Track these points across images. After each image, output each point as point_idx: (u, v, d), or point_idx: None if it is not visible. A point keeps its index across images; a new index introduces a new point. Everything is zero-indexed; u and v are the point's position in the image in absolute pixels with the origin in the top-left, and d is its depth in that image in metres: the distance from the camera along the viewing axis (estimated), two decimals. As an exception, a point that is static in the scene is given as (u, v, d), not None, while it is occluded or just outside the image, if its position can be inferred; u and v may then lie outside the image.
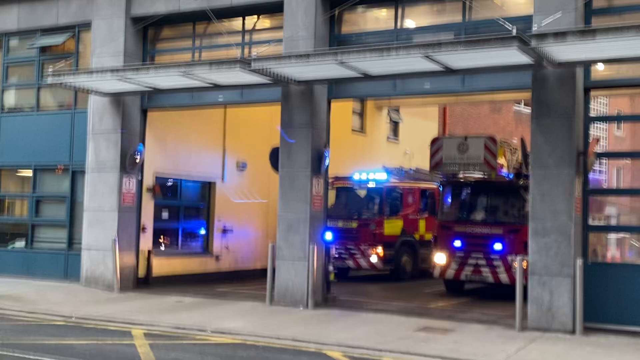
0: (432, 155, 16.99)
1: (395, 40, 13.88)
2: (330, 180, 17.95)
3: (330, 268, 14.90)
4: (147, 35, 16.97)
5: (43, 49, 18.28)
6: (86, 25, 17.27)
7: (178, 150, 17.99)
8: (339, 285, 17.39)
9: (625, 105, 41.77)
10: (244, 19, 15.90)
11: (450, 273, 17.06)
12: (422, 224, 20.73)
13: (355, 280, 20.24)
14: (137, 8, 16.43)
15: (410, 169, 21.72)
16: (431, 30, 14.15)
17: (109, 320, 12.46)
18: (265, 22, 16.07)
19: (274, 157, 14.79)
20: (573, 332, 11.64)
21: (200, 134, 18.67)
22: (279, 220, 14.46)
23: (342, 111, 19.07)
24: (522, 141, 14.87)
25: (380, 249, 19.41)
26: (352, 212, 20.03)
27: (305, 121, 14.37)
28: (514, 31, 10.54)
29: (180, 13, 15.89)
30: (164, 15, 15.94)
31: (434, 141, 17.36)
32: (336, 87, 14.73)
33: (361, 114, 25.50)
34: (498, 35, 10.72)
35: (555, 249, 11.94)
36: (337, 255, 19.04)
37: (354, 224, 19.66)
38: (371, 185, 19.96)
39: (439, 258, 17.25)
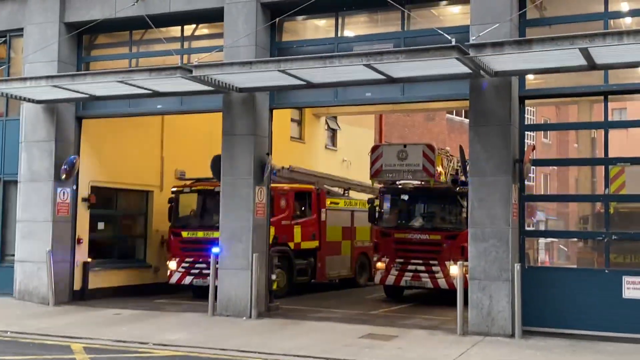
0: (372, 162, 17.19)
1: (336, 49, 13.99)
2: (189, 183, 17.83)
3: (273, 277, 14.83)
4: (82, 42, 16.59)
5: (-28, 56, 17.65)
6: (18, 32, 16.74)
7: (115, 159, 17.62)
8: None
9: (552, 114, 43.32)
10: (182, 27, 15.73)
11: (390, 279, 17.25)
12: (297, 231, 18.67)
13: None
14: (71, 14, 16.05)
15: (284, 168, 18.79)
16: (371, 39, 14.32)
17: (46, 334, 12.06)
18: (204, 29, 15.95)
19: (216, 165, 14.66)
20: (512, 335, 11.93)
21: (138, 142, 18.34)
22: (221, 229, 14.34)
23: (280, 119, 19.03)
24: (461, 149, 15.19)
25: None
26: (214, 220, 16.59)
27: (247, 129, 14.31)
28: (453, 41, 10.80)
29: (116, 20, 15.58)
30: (99, 22, 15.61)
31: (374, 149, 17.56)
32: (278, 96, 14.74)
33: (300, 122, 25.57)
34: (438, 45, 10.94)
35: (494, 254, 12.23)
36: (196, 272, 17.02)
37: (216, 234, 15.82)
38: None
39: (379, 264, 17.43)
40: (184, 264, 17.22)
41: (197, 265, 16.97)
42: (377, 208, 18.02)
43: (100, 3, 15.69)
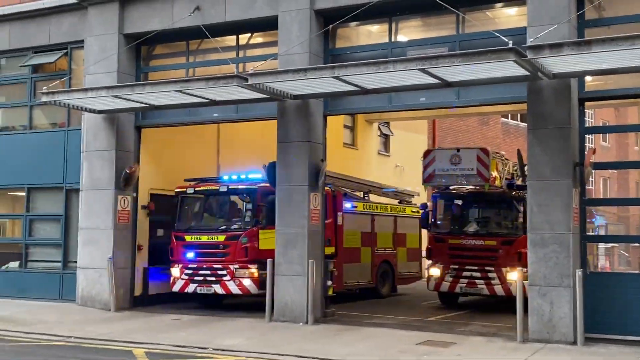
0: (425, 167, 17.03)
1: (390, 54, 13.97)
2: (192, 184, 16.72)
3: (329, 283, 14.84)
4: (141, 52, 16.95)
5: (35, 68, 18.20)
6: (79, 44, 17.23)
7: (173, 167, 17.92)
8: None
9: (610, 116, 42.28)
10: (237, 36, 15.94)
11: (445, 286, 17.03)
12: None
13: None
14: (130, 26, 16.43)
15: None
16: (424, 44, 14.21)
17: (109, 339, 12.35)
18: (259, 38, 16.12)
19: (271, 172, 14.78)
20: (574, 343, 11.66)
21: (195, 150, 18.61)
22: (276, 235, 14.43)
23: (333, 125, 19.03)
24: (519, 153, 14.96)
25: (254, 270, 15.54)
26: (220, 223, 16.44)
27: (301, 136, 14.39)
28: (510, 44, 10.66)
29: (173, 30, 15.90)
30: (157, 33, 15.94)
31: (426, 153, 17.40)
32: (332, 102, 14.79)
33: (352, 128, 25.59)
34: (494, 48, 10.81)
35: (554, 260, 11.99)
36: (200, 279, 15.93)
37: (221, 237, 15.88)
38: (241, 187, 16.18)
39: (433, 271, 17.24)
40: (187, 271, 16.11)
41: (201, 272, 15.91)
42: (431, 213, 17.86)
43: (158, 14, 16.02)
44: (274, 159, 14.76)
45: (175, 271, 16.31)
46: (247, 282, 15.51)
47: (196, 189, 16.57)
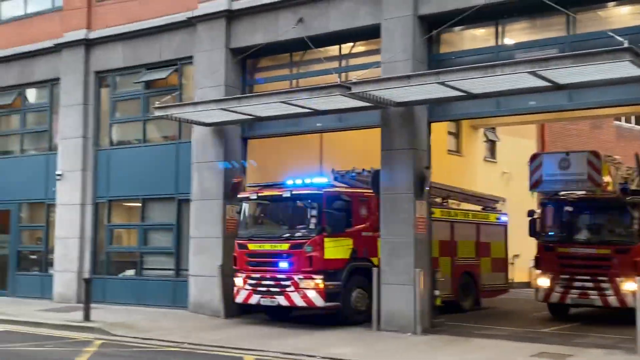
0: (532, 172, 16.48)
1: (497, 57, 13.62)
2: (255, 189, 15.82)
3: (436, 292, 14.60)
4: (246, 66, 17.39)
5: (148, 84, 19.00)
6: (188, 59, 17.87)
7: (277, 176, 18.16)
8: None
9: None
10: (340, 45, 16.05)
11: (554, 297, 16.28)
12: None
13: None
14: (236, 40, 16.87)
15: (364, 170, 16.46)
16: (533, 46, 13.81)
17: (220, 346, 12.66)
18: (361, 47, 16.16)
19: (375, 180, 14.74)
20: (703, 357, 10.95)
21: (298, 160, 18.81)
22: (382, 244, 14.36)
23: (437, 132, 18.70)
24: (637, 156, 14.24)
25: (319, 281, 14.37)
26: (282, 230, 15.31)
27: (405, 143, 14.28)
28: (626, 43, 10.18)
29: (277, 43, 16.20)
30: (262, 46, 16.29)
31: (532, 158, 16.83)
32: (436, 108, 14.62)
33: (457, 135, 25.18)
34: (609, 48, 10.37)
35: (678, 269, 11.31)
36: (263, 289, 14.91)
37: (285, 246, 14.78)
38: (305, 192, 14.92)
39: (542, 281, 16.57)
40: (250, 281, 15.11)
41: (264, 282, 14.92)
42: (539, 221, 17.16)
43: (263, 28, 16.39)
44: (377, 166, 14.72)
45: (238, 281, 15.37)
46: (311, 294, 14.29)
47: (259, 194, 15.63)
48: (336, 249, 14.62)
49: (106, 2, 19.64)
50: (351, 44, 16.07)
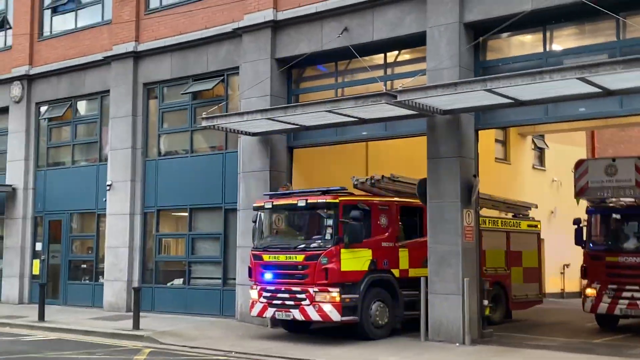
0: (577, 179, 16.17)
1: (545, 64, 13.44)
2: (268, 199, 15.14)
3: (485, 302, 14.37)
4: (291, 75, 17.47)
5: (194, 95, 19.24)
6: (234, 70, 18.05)
7: (323, 185, 18.16)
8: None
9: None
10: (385, 54, 16.02)
11: (602, 307, 15.80)
12: (403, 255, 15.00)
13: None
14: (281, 50, 16.98)
15: (385, 177, 15.86)
16: (582, 51, 13.57)
17: (267, 355, 12.72)
18: (406, 55, 16.10)
19: (422, 188, 14.62)
20: None
21: (344, 168, 18.77)
22: (429, 253, 14.23)
23: (484, 140, 18.42)
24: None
25: (335, 294, 13.64)
26: (297, 241, 14.60)
27: (452, 152, 14.15)
28: (680, 47, 9.92)
29: (322, 52, 16.25)
30: (307, 56, 16.36)
31: (578, 164, 16.48)
32: (483, 116, 14.46)
33: (504, 142, 24.85)
34: (662, 52, 10.11)
35: None
36: (278, 302, 14.26)
37: (300, 257, 14.11)
38: (321, 201, 14.22)
39: (590, 291, 16.12)
40: (265, 293, 14.47)
41: (279, 295, 14.25)
42: (585, 229, 16.71)
43: (307, 38, 16.46)
44: (423, 175, 14.61)
45: (253, 293, 14.77)
46: (327, 308, 13.56)
47: (274, 203, 14.95)
48: (354, 260, 13.93)
49: (154, 15, 19.99)
50: (396, 52, 16.03)
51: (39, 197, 22.68)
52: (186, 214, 19.21)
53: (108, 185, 20.24)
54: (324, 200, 14.15)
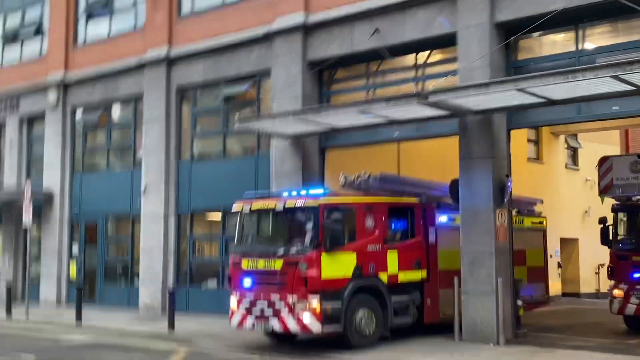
0: (601, 177, 15.94)
1: (577, 62, 13.36)
2: (249, 201, 14.30)
3: (519, 302, 14.30)
4: (323, 77, 17.57)
5: (227, 98, 19.44)
6: (266, 73, 18.21)
7: (355, 187, 18.23)
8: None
9: None
10: (416, 55, 16.05)
11: (630, 309, 15.38)
12: (392, 258, 13.97)
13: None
14: (312, 52, 17.10)
15: (371, 176, 14.91)
16: (615, 49, 13.44)
17: (302, 355, 12.79)
18: (437, 55, 16.10)
19: (454, 189, 14.61)
20: None
21: (376, 169, 18.76)
22: (462, 253, 14.21)
23: (516, 140, 18.23)
24: None
25: (315, 302, 12.64)
26: (276, 246, 13.54)
27: (484, 152, 14.12)
28: None
29: (353, 54, 16.35)
30: (338, 58, 16.45)
31: (602, 161, 16.22)
32: (515, 115, 14.40)
33: (536, 142, 24.67)
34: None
35: None
36: (258, 312, 13.29)
37: (278, 263, 13.13)
38: (300, 204, 13.27)
39: (617, 292, 15.74)
40: (244, 303, 13.57)
41: (258, 304, 13.31)
42: (611, 228, 16.24)
43: (339, 40, 16.55)
44: (455, 176, 14.60)
45: (232, 302, 13.84)
46: (306, 318, 12.61)
47: (252, 206, 14.06)
48: (336, 266, 12.89)
49: (187, 19, 20.25)
50: (427, 52, 16.04)
51: (75, 201, 23.11)
52: (219, 216, 19.40)
53: (142, 188, 20.54)
54: (303, 203, 13.23)
